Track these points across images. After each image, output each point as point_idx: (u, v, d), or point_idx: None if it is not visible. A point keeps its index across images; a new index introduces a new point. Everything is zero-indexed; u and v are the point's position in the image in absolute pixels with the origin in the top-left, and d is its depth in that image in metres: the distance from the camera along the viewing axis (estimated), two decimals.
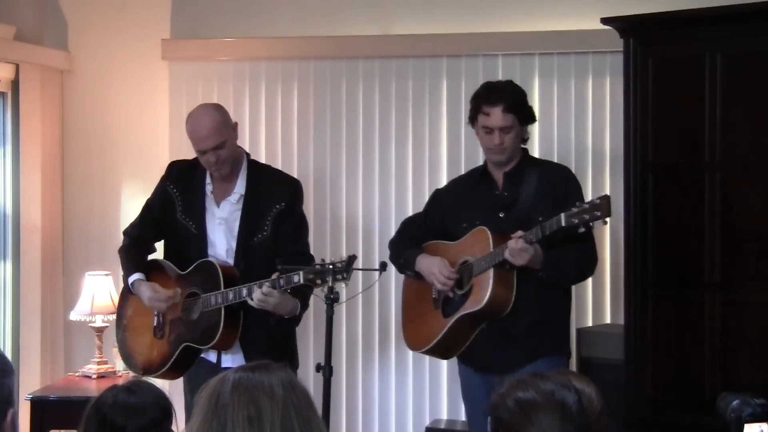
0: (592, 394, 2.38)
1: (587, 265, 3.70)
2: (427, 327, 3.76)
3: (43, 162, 5.03)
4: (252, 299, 3.58)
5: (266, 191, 3.81)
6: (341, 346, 4.91)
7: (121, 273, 5.08)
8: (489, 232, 3.58)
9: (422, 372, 4.91)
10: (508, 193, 3.68)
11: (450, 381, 4.86)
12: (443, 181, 4.87)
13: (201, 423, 1.95)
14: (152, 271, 3.92)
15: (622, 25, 4.17)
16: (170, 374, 3.91)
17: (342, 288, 3.60)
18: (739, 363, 3.93)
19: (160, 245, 4.04)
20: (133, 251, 3.94)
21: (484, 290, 3.54)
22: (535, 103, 4.72)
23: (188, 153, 5.01)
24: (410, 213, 4.87)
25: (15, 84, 4.96)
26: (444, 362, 4.85)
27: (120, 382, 2.46)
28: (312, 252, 3.89)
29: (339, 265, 3.44)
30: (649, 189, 4.14)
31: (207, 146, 3.73)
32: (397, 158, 4.95)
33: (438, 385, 4.90)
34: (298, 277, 3.48)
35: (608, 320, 4.71)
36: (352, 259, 3.46)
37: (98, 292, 4.76)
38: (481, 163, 4.21)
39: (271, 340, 3.73)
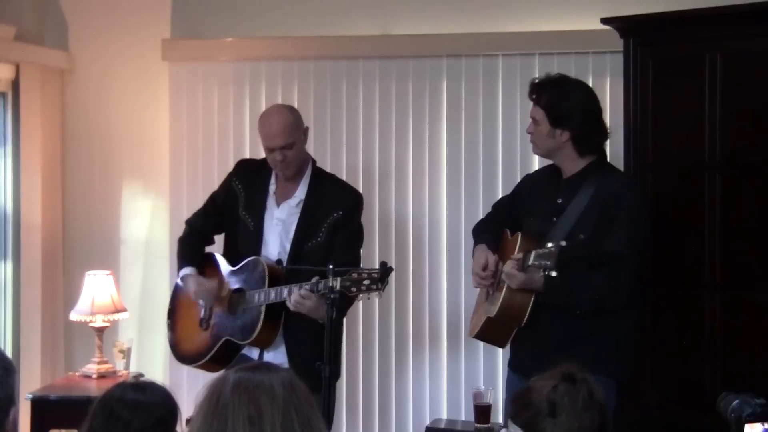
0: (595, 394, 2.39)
1: (613, 293, 3.47)
2: (479, 316, 3.75)
3: (43, 162, 5.03)
4: (288, 303, 3.62)
5: (327, 199, 3.85)
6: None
7: (123, 273, 5.14)
8: (519, 241, 3.55)
9: (422, 372, 4.91)
10: (562, 200, 3.60)
11: (450, 381, 4.87)
12: (443, 181, 4.88)
13: (202, 423, 1.96)
14: (206, 264, 3.99)
15: (622, 25, 4.17)
16: (210, 366, 3.93)
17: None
18: (739, 363, 3.93)
19: (219, 238, 4.08)
20: (190, 243, 4.01)
21: (498, 299, 3.52)
22: None
23: (189, 153, 5.04)
24: (410, 212, 4.90)
25: (15, 84, 4.96)
26: (444, 362, 4.87)
27: (121, 381, 2.46)
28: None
29: (375, 275, 3.44)
30: (649, 189, 4.14)
31: (276, 144, 3.79)
32: (397, 158, 4.95)
33: (438, 385, 4.90)
34: (336, 283, 3.47)
35: None
36: (387, 270, 3.46)
37: (98, 292, 4.76)
38: (480, 165, 4.25)
39: (316, 341, 3.65)
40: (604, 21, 4.18)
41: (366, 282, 3.45)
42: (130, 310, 4.88)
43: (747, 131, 3.95)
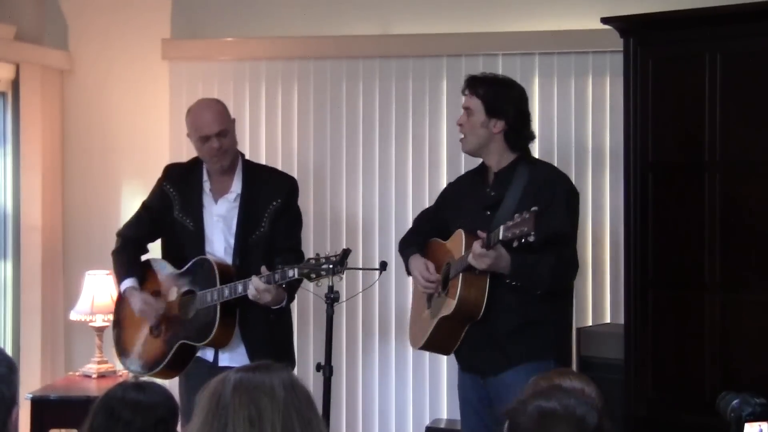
0: (593, 393, 2.38)
1: (566, 272, 3.56)
2: (421, 325, 3.77)
3: (43, 162, 5.03)
4: (248, 294, 3.60)
5: (263, 189, 3.85)
6: (341, 346, 4.91)
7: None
8: (463, 235, 3.55)
9: (422, 372, 4.91)
10: (495, 193, 3.62)
11: (450, 381, 4.86)
12: (443, 181, 4.87)
13: (202, 423, 1.96)
14: (148, 271, 3.94)
15: (622, 24, 4.17)
16: (166, 373, 3.90)
17: (342, 287, 3.60)
18: (739, 363, 3.93)
19: (153, 246, 4.04)
20: (126, 254, 3.96)
21: (453, 295, 3.51)
22: (535, 102, 4.73)
23: (188, 153, 5.02)
24: (410, 213, 4.89)
25: (15, 84, 4.96)
26: (444, 362, 4.86)
27: (121, 380, 2.47)
28: (312, 251, 3.90)
29: (333, 258, 3.45)
30: (649, 189, 4.14)
31: (211, 131, 3.79)
32: (397, 158, 4.96)
33: (438, 385, 4.90)
34: (293, 272, 3.50)
35: (608, 320, 4.71)
36: (346, 252, 3.47)
37: (98, 292, 4.75)
38: (479, 163, 4.22)
39: (272, 336, 3.76)
40: (604, 21, 4.18)
41: (325, 266, 3.45)
42: None
43: (747, 131, 3.95)
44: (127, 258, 3.96)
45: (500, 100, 3.61)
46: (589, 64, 4.74)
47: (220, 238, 3.84)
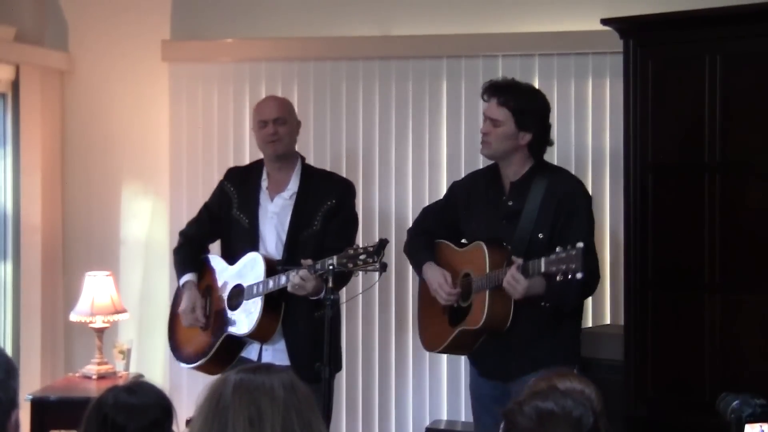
0: (592, 395, 2.38)
1: (593, 285, 3.61)
2: (437, 331, 3.78)
3: (43, 162, 5.03)
4: (288, 285, 3.65)
5: (319, 189, 3.92)
6: (341, 346, 4.90)
7: (123, 274, 5.14)
8: (486, 250, 3.55)
9: (422, 372, 4.91)
10: (512, 203, 3.63)
11: (450, 381, 4.87)
12: (443, 182, 4.88)
13: (202, 424, 1.96)
14: (207, 268, 4.03)
15: (622, 26, 4.17)
16: (211, 367, 3.93)
17: (342, 288, 3.60)
18: (739, 363, 3.93)
19: (213, 247, 4.13)
20: (186, 250, 4.06)
21: (481, 311, 3.53)
22: None
23: (188, 154, 5.05)
24: (410, 213, 4.89)
25: (15, 85, 4.96)
26: (444, 363, 4.86)
27: (120, 382, 2.46)
28: None
29: (370, 249, 3.48)
30: (649, 189, 4.14)
31: (269, 116, 3.92)
32: (397, 159, 4.96)
33: (438, 385, 4.90)
34: (332, 261, 3.52)
35: (608, 320, 4.72)
36: (382, 243, 3.50)
37: (98, 293, 4.75)
38: (480, 166, 4.21)
39: (314, 334, 3.71)
40: (604, 22, 4.18)
41: (362, 257, 3.48)
42: (129, 311, 4.89)
43: (747, 131, 3.95)
44: (187, 255, 4.06)
45: (530, 113, 3.62)
46: (589, 66, 4.74)
47: (272, 234, 3.90)
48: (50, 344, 5.07)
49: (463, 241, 3.79)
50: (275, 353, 3.85)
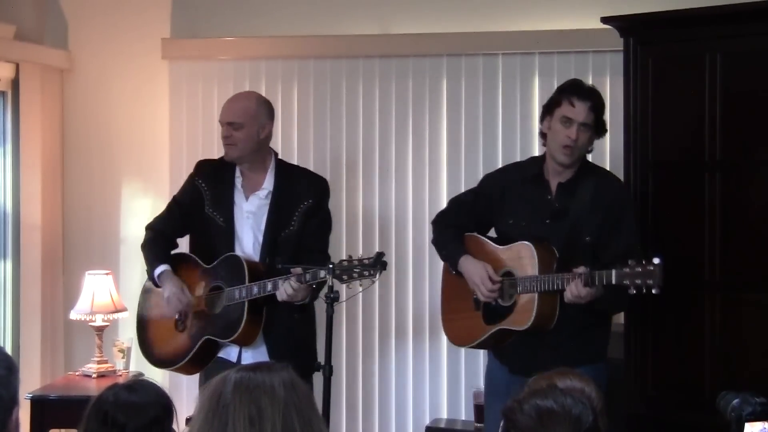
0: (592, 393, 2.39)
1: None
2: (468, 327, 3.72)
3: (43, 161, 5.03)
4: (276, 295, 3.62)
5: (295, 187, 3.87)
6: (341, 345, 4.91)
7: (123, 272, 5.14)
8: (534, 251, 3.50)
9: (422, 372, 4.91)
10: (559, 204, 3.59)
11: (450, 381, 4.87)
12: (443, 181, 4.88)
13: (202, 422, 1.96)
14: (178, 265, 3.94)
15: (622, 24, 4.17)
16: (188, 368, 3.91)
17: (342, 287, 3.61)
18: (739, 363, 3.93)
19: (182, 242, 4.06)
20: (158, 244, 3.95)
21: (529, 312, 3.48)
22: (536, 102, 4.73)
23: (188, 152, 5.04)
24: (410, 212, 4.90)
25: (15, 83, 4.96)
26: (444, 361, 4.87)
27: (120, 381, 2.46)
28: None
29: (366, 261, 3.47)
30: (649, 187, 4.14)
31: (224, 118, 3.87)
32: (397, 157, 4.96)
33: (438, 385, 4.90)
34: (325, 273, 3.50)
35: None
36: (380, 255, 3.48)
37: (98, 292, 4.76)
38: (480, 164, 4.22)
39: (294, 335, 3.76)
40: (604, 20, 4.18)
41: (358, 269, 3.47)
42: (129, 310, 4.87)
43: (747, 131, 3.95)
44: (159, 249, 3.95)
45: (602, 119, 3.62)
46: (589, 64, 4.74)
47: (249, 234, 3.85)
48: (50, 343, 5.07)
49: (492, 234, 3.75)
50: (255, 355, 3.80)
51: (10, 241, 5.00)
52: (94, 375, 4.72)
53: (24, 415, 4.44)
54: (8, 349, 4.86)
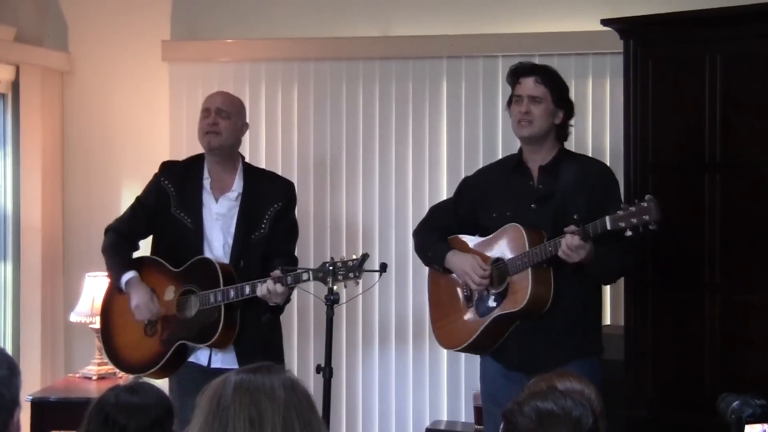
0: (592, 395, 2.39)
1: (630, 263, 3.63)
2: (460, 326, 3.70)
3: (44, 163, 5.04)
4: (257, 293, 3.61)
5: (265, 190, 3.85)
6: (341, 347, 4.91)
7: None
8: (523, 230, 3.51)
9: (422, 372, 4.91)
10: (543, 186, 3.61)
11: (450, 381, 4.87)
12: (443, 182, 4.88)
13: (202, 424, 1.96)
14: (143, 269, 3.88)
15: (622, 26, 4.17)
16: (159, 374, 3.87)
17: (342, 289, 3.61)
18: (739, 364, 3.93)
19: (143, 243, 4.03)
20: (122, 248, 3.91)
21: (524, 290, 3.47)
22: None
23: (188, 153, 5.02)
24: (410, 214, 4.89)
25: (15, 85, 4.97)
26: (444, 363, 4.86)
27: (121, 383, 2.46)
28: (312, 252, 3.99)
29: (350, 264, 3.46)
30: (649, 190, 4.12)
31: (213, 104, 3.86)
32: (397, 159, 4.96)
33: (438, 385, 4.90)
34: (307, 275, 3.50)
35: (608, 321, 4.71)
36: (365, 257, 3.48)
37: (98, 294, 4.73)
38: (480, 166, 4.21)
39: (262, 337, 3.78)
40: (604, 22, 4.18)
41: (342, 272, 3.47)
42: None
43: (747, 131, 3.95)
44: (123, 254, 3.89)
45: (564, 91, 3.68)
46: (589, 66, 4.74)
47: (219, 236, 3.82)
48: (50, 345, 5.07)
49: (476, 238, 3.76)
50: (225, 357, 3.78)
51: (10, 243, 5.00)
52: (95, 377, 4.72)
53: (24, 417, 4.44)
54: (8, 351, 4.85)
